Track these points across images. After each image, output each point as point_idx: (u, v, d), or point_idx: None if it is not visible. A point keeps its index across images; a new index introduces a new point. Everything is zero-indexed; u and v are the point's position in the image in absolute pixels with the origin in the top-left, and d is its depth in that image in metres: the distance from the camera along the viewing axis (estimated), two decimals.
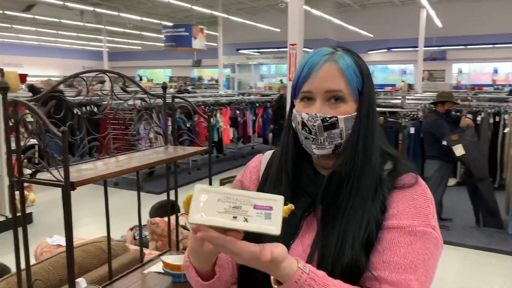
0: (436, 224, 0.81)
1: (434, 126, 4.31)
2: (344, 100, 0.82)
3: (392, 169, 0.86)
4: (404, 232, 0.78)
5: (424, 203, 0.81)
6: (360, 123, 0.83)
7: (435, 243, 0.79)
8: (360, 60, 0.87)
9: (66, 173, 1.04)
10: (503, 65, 20.45)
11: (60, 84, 1.29)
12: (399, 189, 0.83)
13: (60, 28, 21.71)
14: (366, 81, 0.85)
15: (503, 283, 3.39)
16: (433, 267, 0.78)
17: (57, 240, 2.53)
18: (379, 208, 0.81)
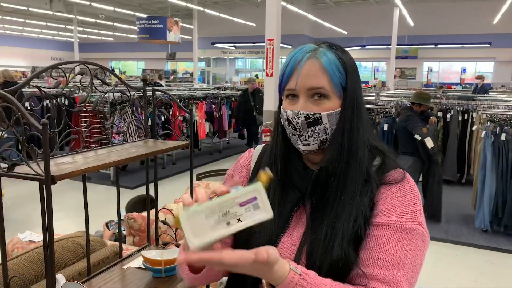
0: (423, 220, 0.82)
1: (406, 122, 4.44)
2: (327, 96, 0.83)
3: (381, 165, 0.87)
4: (393, 229, 0.79)
5: (412, 200, 0.83)
6: (345, 119, 0.83)
7: (423, 239, 0.81)
8: (345, 55, 0.86)
9: (47, 166, 1.01)
10: (471, 64, 21.18)
11: (38, 75, 1.25)
12: (387, 184, 0.84)
13: (28, 17, 20.90)
14: (350, 76, 0.84)
15: (469, 273, 3.54)
16: (421, 262, 0.80)
17: (29, 236, 2.46)
18: (367, 203, 0.82)
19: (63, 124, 1.37)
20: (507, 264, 3.72)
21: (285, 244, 0.85)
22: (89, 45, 29.29)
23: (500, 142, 4.09)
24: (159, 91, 1.70)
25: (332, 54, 0.84)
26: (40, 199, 1.08)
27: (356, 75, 0.86)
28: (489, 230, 4.29)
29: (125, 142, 1.62)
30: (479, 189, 4.25)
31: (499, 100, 7.24)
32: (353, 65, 0.86)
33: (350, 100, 0.84)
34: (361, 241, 0.80)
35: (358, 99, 0.85)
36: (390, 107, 5.92)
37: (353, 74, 0.85)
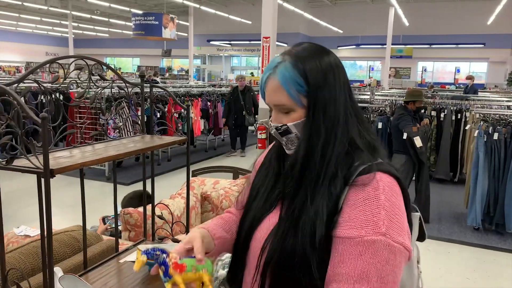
0: (390, 229, 0.79)
1: (398, 120, 4.48)
2: (292, 109, 0.88)
3: (356, 166, 0.86)
4: (354, 243, 0.79)
5: (376, 209, 0.80)
6: (310, 126, 0.87)
7: (389, 249, 0.78)
8: (311, 63, 0.87)
9: (46, 160, 1.02)
10: (465, 64, 21.32)
11: (36, 69, 1.26)
12: (355, 186, 0.84)
13: (23, 12, 20.72)
14: (315, 84, 0.86)
15: (461, 271, 3.59)
16: (392, 272, 0.78)
17: (24, 230, 2.46)
18: (331, 204, 0.84)
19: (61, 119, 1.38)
20: (498, 262, 3.77)
21: (265, 224, 0.94)
22: (84, 41, 29.12)
23: (492, 142, 4.14)
24: (156, 87, 1.71)
25: (292, 68, 0.87)
26: (38, 193, 1.09)
27: (321, 81, 0.87)
28: (480, 228, 4.34)
29: (122, 138, 1.63)
30: (472, 187, 4.30)
31: (492, 100, 7.31)
32: (320, 69, 0.87)
33: (312, 108, 0.87)
34: (319, 246, 0.82)
35: (327, 102, 0.87)
36: (384, 106, 5.96)
37: (318, 79, 0.87)
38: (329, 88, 0.87)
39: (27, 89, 1.30)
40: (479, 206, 4.20)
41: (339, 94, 0.88)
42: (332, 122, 0.87)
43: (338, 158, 0.86)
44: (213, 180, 3.11)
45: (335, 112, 0.87)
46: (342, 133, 0.87)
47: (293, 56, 0.88)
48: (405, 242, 0.80)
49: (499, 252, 3.95)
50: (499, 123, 4.36)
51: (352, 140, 0.88)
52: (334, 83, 0.88)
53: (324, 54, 0.90)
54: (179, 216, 2.44)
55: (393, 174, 0.86)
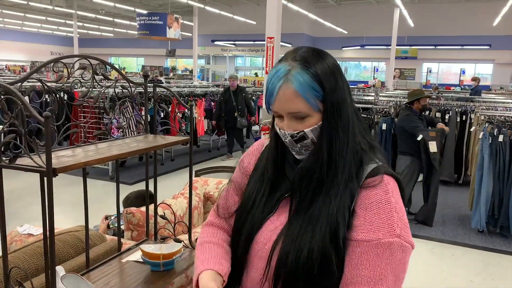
0: (403, 230, 0.84)
1: (405, 121, 4.45)
2: (308, 115, 0.88)
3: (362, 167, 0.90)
4: (371, 246, 0.83)
5: (389, 212, 0.84)
6: (327, 129, 0.88)
7: (402, 250, 0.83)
8: (321, 66, 0.87)
9: (49, 158, 1.02)
10: (470, 66, 21.21)
11: (40, 69, 1.26)
12: (366, 188, 0.87)
13: (28, 11, 20.82)
14: (328, 86, 0.86)
15: (465, 273, 3.56)
16: (403, 270, 0.84)
17: (28, 229, 2.47)
18: (347, 207, 0.86)
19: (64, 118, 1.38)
20: (502, 265, 3.75)
21: (268, 227, 0.94)
22: (88, 41, 29.23)
23: (497, 144, 4.11)
24: (160, 87, 1.71)
25: (305, 74, 0.86)
26: (40, 192, 1.09)
27: (334, 85, 0.88)
28: (485, 230, 4.31)
29: (126, 137, 1.63)
30: (476, 190, 4.27)
31: (497, 101, 7.26)
32: (331, 75, 0.88)
33: (328, 112, 0.88)
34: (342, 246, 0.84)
35: (339, 108, 0.88)
36: (389, 107, 5.94)
37: (331, 82, 0.87)
38: (340, 90, 0.89)
39: (31, 88, 1.30)
40: (484, 209, 4.17)
41: (346, 94, 0.90)
42: (347, 123, 0.89)
43: (352, 159, 0.89)
44: (216, 180, 3.10)
45: (347, 112, 0.89)
46: (353, 134, 0.90)
47: (300, 61, 0.87)
48: (413, 242, 0.86)
49: (504, 255, 3.92)
50: (504, 125, 4.33)
51: (358, 141, 0.91)
52: (342, 84, 0.90)
53: (325, 56, 0.90)
54: (181, 216, 2.44)
55: (395, 177, 0.91)
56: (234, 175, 1.11)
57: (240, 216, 1.01)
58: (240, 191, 1.06)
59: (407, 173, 4.42)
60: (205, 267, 0.95)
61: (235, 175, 1.10)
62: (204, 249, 1.02)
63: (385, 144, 5.06)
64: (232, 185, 1.09)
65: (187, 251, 1.69)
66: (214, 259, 0.98)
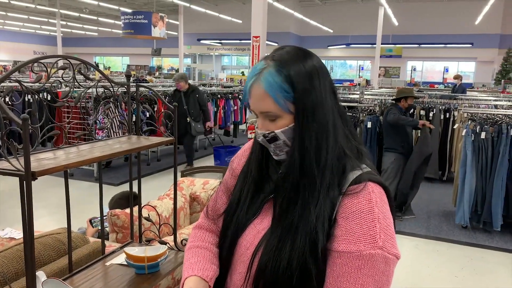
0: (386, 242, 0.80)
1: (387, 115, 4.48)
2: (279, 116, 0.86)
3: (345, 174, 0.86)
4: (353, 257, 0.80)
5: (371, 223, 0.80)
6: (298, 131, 0.86)
7: (385, 262, 0.80)
8: (295, 68, 0.84)
9: (27, 162, 0.99)
10: (453, 64, 21.55)
11: (18, 69, 1.23)
12: (347, 196, 0.83)
13: (10, 10, 20.41)
14: (301, 88, 0.84)
15: (449, 268, 3.62)
16: (386, 283, 0.81)
17: (9, 232, 2.42)
18: (327, 215, 0.83)
19: (45, 119, 1.35)
20: (485, 260, 3.81)
21: (252, 230, 0.92)
22: (72, 40, 28.81)
23: (480, 140, 4.18)
24: (142, 87, 1.68)
25: (277, 74, 0.84)
26: (20, 196, 1.06)
27: (307, 83, 0.85)
28: (468, 226, 4.39)
29: (109, 138, 1.61)
30: (460, 186, 4.34)
31: (479, 99, 7.39)
32: (305, 74, 0.85)
33: (300, 114, 0.85)
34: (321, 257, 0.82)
35: (314, 107, 0.85)
36: (374, 105, 5.99)
37: (304, 84, 0.84)
38: (316, 92, 0.85)
39: (9, 89, 1.27)
40: (467, 205, 4.24)
41: (325, 97, 0.86)
42: (322, 127, 0.85)
43: (333, 165, 0.85)
44: (202, 181, 3.08)
45: (324, 116, 0.85)
46: (334, 138, 0.86)
47: (277, 61, 0.86)
48: (397, 253, 0.82)
49: (487, 250, 3.99)
50: (487, 122, 4.41)
51: (341, 147, 0.87)
52: (320, 86, 0.86)
53: (307, 57, 0.87)
54: (167, 217, 2.42)
55: (382, 184, 0.86)
56: (224, 177, 1.10)
57: (226, 218, 1.00)
58: (229, 192, 1.05)
59: (392, 169, 4.46)
60: (190, 273, 0.94)
61: (225, 176, 1.09)
62: (191, 254, 1.02)
63: (371, 142, 5.11)
64: (222, 186, 1.08)
65: (172, 253, 1.67)
66: (200, 264, 0.97)
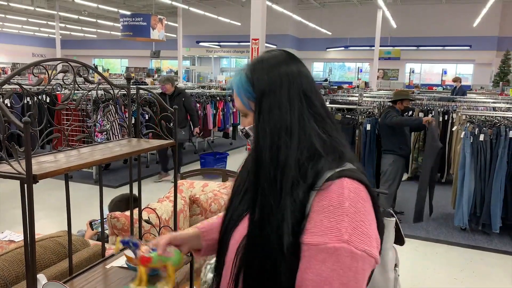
0: (353, 236, 0.80)
1: (387, 117, 4.49)
2: (246, 113, 0.98)
3: (320, 173, 0.86)
4: (318, 250, 0.80)
5: (339, 216, 0.80)
6: (256, 130, 0.92)
7: (352, 256, 0.79)
8: (260, 71, 0.93)
9: (28, 165, 1.00)
10: (452, 66, 21.61)
11: (19, 72, 1.23)
12: (320, 192, 0.84)
13: (9, 12, 20.41)
14: (259, 92, 0.91)
15: (448, 271, 3.62)
16: (354, 279, 0.79)
17: (9, 235, 2.42)
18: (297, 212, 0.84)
19: (45, 122, 1.36)
20: (484, 262, 3.82)
21: (240, 227, 0.95)
22: (71, 42, 28.80)
23: (478, 143, 4.19)
24: (143, 89, 1.69)
25: (244, 76, 0.95)
26: (21, 199, 1.07)
27: (268, 86, 0.91)
28: (467, 228, 4.39)
29: (109, 141, 1.61)
30: (459, 188, 4.34)
31: (478, 101, 7.41)
32: (268, 78, 0.91)
33: (259, 112, 0.91)
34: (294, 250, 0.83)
35: (272, 109, 0.90)
36: (373, 108, 6.00)
37: (265, 87, 0.91)
38: (274, 95, 0.90)
39: (10, 92, 1.28)
40: (466, 207, 4.25)
41: (287, 101, 0.90)
42: (279, 127, 0.88)
43: (299, 165, 0.86)
44: (202, 183, 3.09)
45: (282, 118, 0.89)
46: (299, 139, 0.88)
47: (249, 66, 0.96)
48: (368, 249, 0.80)
49: (486, 252, 4.00)
50: (485, 124, 4.42)
51: (313, 146, 0.88)
52: (281, 90, 0.90)
53: (282, 63, 0.93)
54: (167, 220, 2.42)
55: (360, 180, 0.86)
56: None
57: (225, 213, 1.05)
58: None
59: (391, 171, 4.47)
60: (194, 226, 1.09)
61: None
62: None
63: (370, 144, 5.11)
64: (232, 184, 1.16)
65: None
66: (207, 224, 1.18)
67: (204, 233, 1.16)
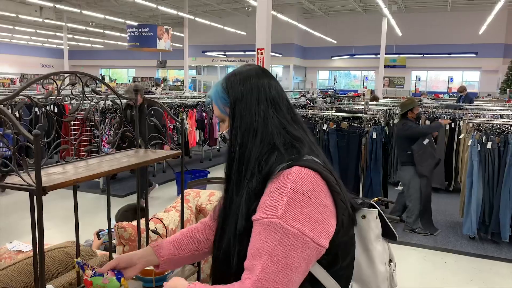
0: (288, 213, 0.87)
1: (403, 130, 4.45)
2: (224, 119, 1.09)
3: (276, 165, 0.96)
4: (257, 224, 0.91)
5: (279, 195, 0.90)
6: (231, 131, 1.05)
7: (283, 231, 0.86)
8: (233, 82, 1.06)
9: (38, 177, 1.01)
10: (458, 73, 21.53)
11: (30, 85, 1.25)
12: (272, 180, 0.94)
13: (17, 24, 20.74)
14: (233, 99, 1.05)
15: (457, 280, 3.58)
16: (283, 253, 0.86)
17: (17, 245, 2.43)
18: (252, 199, 0.96)
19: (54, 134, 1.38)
20: (494, 271, 3.77)
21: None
22: (79, 52, 29.15)
23: (486, 151, 4.16)
24: (149, 99, 1.71)
25: (220, 85, 1.08)
26: (30, 210, 1.08)
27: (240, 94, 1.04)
28: (476, 237, 4.34)
29: (116, 152, 1.63)
30: (467, 196, 4.30)
31: (485, 109, 7.37)
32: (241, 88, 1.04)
33: (232, 116, 1.05)
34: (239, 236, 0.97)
35: (243, 113, 1.03)
36: (379, 116, 5.99)
37: (238, 95, 1.04)
38: (246, 101, 1.03)
39: (20, 104, 1.29)
40: (475, 215, 4.20)
41: (256, 106, 1.03)
42: (248, 128, 1.01)
43: (258, 159, 0.99)
44: (208, 192, 3.09)
45: (251, 120, 1.02)
46: (262, 138, 1.00)
47: (224, 79, 1.09)
48: (302, 228, 0.87)
49: (495, 262, 3.95)
50: (492, 132, 4.39)
51: (274, 144, 1.00)
52: (251, 97, 1.03)
53: (254, 76, 1.06)
54: (173, 230, 2.43)
55: (312, 168, 0.93)
56: None
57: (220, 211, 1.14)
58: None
59: (414, 184, 4.39)
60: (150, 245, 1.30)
61: None
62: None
63: (376, 152, 5.09)
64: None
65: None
66: (166, 240, 1.30)
67: (157, 248, 1.26)
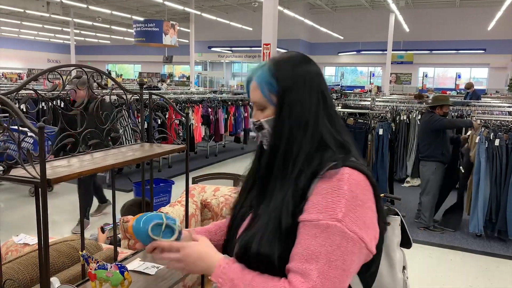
0: (347, 217, 0.83)
1: (431, 122, 4.38)
2: (265, 107, 0.99)
3: (324, 162, 0.91)
4: (311, 225, 0.85)
5: (336, 197, 0.85)
6: (277, 122, 0.96)
7: (342, 235, 0.82)
8: (285, 68, 0.97)
9: (43, 170, 1.01)
10: (466, 70, 21.33)
11: (35, 78, 1.25)
12: (322, 179, 0.89)
13: (25, 19, 20.84)
14: (283, 88, 0.96)
15: (463, 278, 3.55)
16: (341, 258, 0.82)
17: (23, 238, 2.45)
18: (297, 196, 0.90)
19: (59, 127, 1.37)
20: (501, 269, 3.74)
21: (245, 222, 1.02)
22: (85, 48, 29.25)
23: (494, 148, 4.12)
24: (155, 94, 1.70)
25: (268, 70, 0.98)
26: (35, 202, 1.08)
27: (292, 84, 0.96)
28: (483, 235, 4.31)
29: (121, 146, 1.63)
30: (474, 194, 4.27)
31: (493, 105, 7.30)
32: (292, 76, 0.96)
33: (280, 107, 0.96)
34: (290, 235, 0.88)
35: (293, 105, 0.95)
36: (385, 112, 5.95)
37: (289, 83, 0.96)
38: (297, 92, 0.96)
39: (26, 97, 1.30)
40: (481, 213, 4.17)
41: (308, 98, 0.96)
42: (298, 121, 0.94)
43: (307, 156, 0.93)
44: (213, 187, 3.09)
45: (302, 113, 0.95)
46: (312, 134, 0.94)
47: (272, 61, 1.00)
48: (360, 233, 0.84)
49: (502, 259, 3.92)
50: (500, 129, 4.34)
51: (323, 141, 0.95)
52: (304, 88, 0.96)
53: (303, 63, 0.99)
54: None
55: (362, 171, 0.90)
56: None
57: (233, 210, 1.11)
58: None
59: (433, 181, 4.37)
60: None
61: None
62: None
63: (382, 149, 5.06)
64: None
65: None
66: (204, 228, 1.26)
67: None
